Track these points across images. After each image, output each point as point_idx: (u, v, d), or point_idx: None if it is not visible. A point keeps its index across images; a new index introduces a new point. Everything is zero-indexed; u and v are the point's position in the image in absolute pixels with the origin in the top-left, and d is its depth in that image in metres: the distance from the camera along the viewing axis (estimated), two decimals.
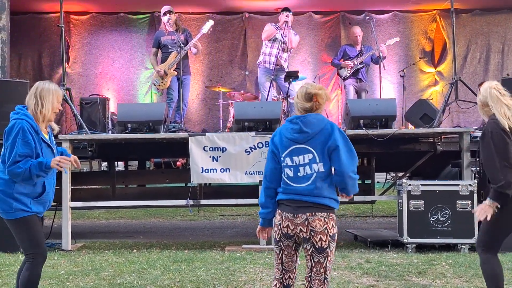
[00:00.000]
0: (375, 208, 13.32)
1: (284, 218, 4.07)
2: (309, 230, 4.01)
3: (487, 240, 4.78)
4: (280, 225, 4.09)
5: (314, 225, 4.00)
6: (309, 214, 4.01)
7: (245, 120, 8.85)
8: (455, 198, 8.29)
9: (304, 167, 4.06)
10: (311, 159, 4.05)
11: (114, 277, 6.73)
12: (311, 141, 4.06)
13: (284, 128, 4.19)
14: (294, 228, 4.04)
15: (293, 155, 4.09)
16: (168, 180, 11.32)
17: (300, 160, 4.07)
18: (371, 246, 8.75)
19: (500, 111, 4.62)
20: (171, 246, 8.97)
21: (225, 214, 13.84)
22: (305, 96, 4.14)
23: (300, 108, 4.17)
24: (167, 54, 10.32)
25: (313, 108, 4.14)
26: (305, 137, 4.07)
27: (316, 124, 4.08)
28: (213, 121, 12.14)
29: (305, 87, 4.18)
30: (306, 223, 4.01)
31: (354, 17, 12.66)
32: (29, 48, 12.56)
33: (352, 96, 10.92)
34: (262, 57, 10.63)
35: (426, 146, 9.64)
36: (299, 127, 4.09)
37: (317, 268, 4.04)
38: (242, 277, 6.64)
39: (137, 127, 8.85)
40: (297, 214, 4.03)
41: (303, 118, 4.10)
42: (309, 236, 4.01)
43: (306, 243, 4.06)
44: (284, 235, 4.08)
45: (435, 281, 6.44)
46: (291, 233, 4.06)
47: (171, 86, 10.31)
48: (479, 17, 12.79)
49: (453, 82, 9.41)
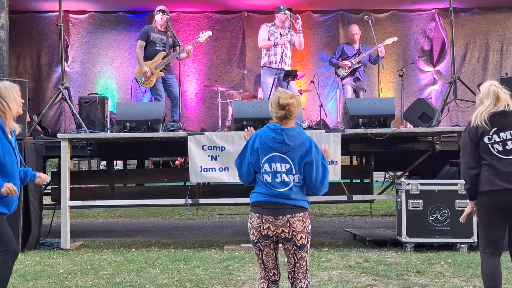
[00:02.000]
0: (374, 207, 13.34)
1: (264, 221, 4.27)
2: (291, 230, 4.24)
3: (481, 242, 4.85)
4: (259, 227, 4.28)
5: (295, 226, 4.24)
6: (289, 216, 4.24)
7: (243, 119, 8.84)
8: (454, 198, 8.30)
9: (281, 174, 4.29)
10: (288, 169, 4.29)
11: (113, 276, 6.73)
12: (290, 153, 4.28)
13: (265, 134, 4.35)
14: (275, 229, 4.26)
15: (271, 162, 4.30)
16: (166, 179, 11.30)
17: (277, 167, 4.29)
18: (369, 245, 8.76)
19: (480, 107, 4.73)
20: (170, 245, 8.98)
21: (223, 213, 13.85)
22: (279, 106, 4.33)
23: (275, 116, 4.37)
24: (153, 51, 10.20)
25: (287, 115, 4.33)
26: (286, 149, 4.28)
27: (298, 138, 4.31)
28: (212, 120, 12.13)
29: (277, 96, 4.36)
30: (287, 225, 4.24)
31: (353, 16, 12.65)
32: (28, 47, 12.54)
33: (350, 95, 10.88)
34: (267, 58, 10.25)
35: (425, 145, 9.65)
36: (282, 139, 4.29)
37: (300, 262, 4.31)
38: (240, 276, 6.65)
39: (135, 126, 8.85)
40: (277, 216, 4.24)
41: (287, 131, 4.31)
42: (291, 236, 4.24)
43: (287, 243, 4.29)
44: (263, 236, 4.29)
45: (433, 280, 6.44)
46: (271, 234, 4.27)
47: (157, 87, 10.19)
48: (478, 16, 12.78)
49: (452, 81, 9.41)
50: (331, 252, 8.22)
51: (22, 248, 8.28)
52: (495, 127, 4.72)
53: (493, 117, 4.72)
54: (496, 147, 4.70)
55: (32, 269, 7.10)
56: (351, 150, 9.71)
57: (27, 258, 7.76)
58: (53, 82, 12.34)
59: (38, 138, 9.72)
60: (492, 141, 4.71)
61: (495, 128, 4.72)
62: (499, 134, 4.71)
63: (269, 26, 10.35)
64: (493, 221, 4.72)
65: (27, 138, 8.72)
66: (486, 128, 4.72)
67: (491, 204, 4.69)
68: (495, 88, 4.80)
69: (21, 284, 6.32)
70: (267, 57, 10.23)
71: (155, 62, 10.13)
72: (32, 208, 8.48)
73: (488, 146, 4.72)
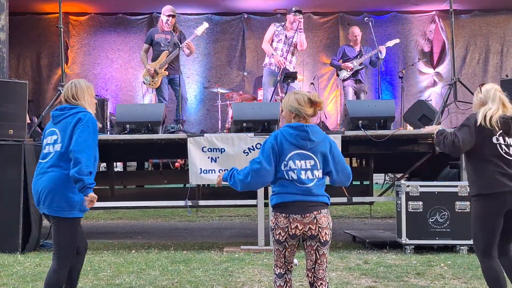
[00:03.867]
0: (374, 209, 13.33)
1: (292, 220, 4.27)
2: (317, 227, 4.27)
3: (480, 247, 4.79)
4: (287, 227, 4.27)
5: (321, 222, 4.28)
6: (316, 213, 4.27)
7: (243, 121, 8.84)
8: (454, 199, 8.29)
9: (306, 171, 4.30)
10: (312, 165, 4.32)
11: (113, 277, 6.72)
12: (314, 149, 4.34)
13: (286, 133, 4.35)
14: (303, 227, 4.26)
15: (296, 159, 4.31)
16: (166, 180, 11.31)
17: (302, 164, 4.31)
18: (369, 247, 8.75)
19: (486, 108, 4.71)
20: (170, 246, 8.97)
21: (223, 215, 13.84)
22: (309, 102, 4.37)
23: (302, 113, 4.36)
24: (158, 52, 10.26)
25: (314, 113, 4.41)
26: (311, 145, 4.33)
27: (319, 134, 4.40)
28: (212, 122, 12.14)
29: (305, 95, 4.41)
30: (314, 221, 4.26)
31: (353, 18, 12.67)
32: (28, 49, 12.57)
33: (351, 97, 10.89)
34: (268, 59, 10.28)
35: (424, 147, 9.63)
36: (307, 135, 4.32)
37: (321, 259, 4.32)
38: (240, 278, 6.64)
39: (135, 128, 8.85)
40: (305, 214, 4.26)
41: (311, 127, 4.36)
42: (317, 232, 4.26)
43: (311, 240, 4.29)
44: (290, 236, 4.29)
45: (433, 282, 6.43)
46: (299, 233, 4.28)
47: (161, 88, 10.22)
48: (478, 18, 12.81)
49: (452, 83, 9.40)
50: (330, 253, 8.21)
51: (22, 250, 8.28)
52: (502, 130, 4.71)
53: (505, 121, 4.70)
54: (504, 148, 4.69)
55: (32, 270, 7.10)
56: (351, 152, 9.70)
57: (27, 260, 7.75)
58: (53, 83, 12.36)
59: (38, 140, 9.71)
60: (499, 142, 4.70)
61: (501, 131, 4.71)
62: (505, 138, 4.71)
63: (276, 26, 10.35)
64: (498, 225, 4.69)
65: (27, 139, 8.72)
66: (494, 130, 4.70)
67: (499, 208, 4.66)
68: (500, 95, 4.81)
69: (21, 285, 6.31)
70: (268, 58, 10.26)
71: (159, 61, 10.16)
72: (32, 209, 8.47)
73: (496, 146, 4.70)
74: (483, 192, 4.74)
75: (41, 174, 4.75)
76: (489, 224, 4.72)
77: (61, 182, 4.63)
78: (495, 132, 4.70)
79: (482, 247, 4.77)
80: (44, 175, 4.72)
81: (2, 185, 8.39)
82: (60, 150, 4.69)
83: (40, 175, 4.75)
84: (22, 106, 8.60)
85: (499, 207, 4.68)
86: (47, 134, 4.85)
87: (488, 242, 4.73)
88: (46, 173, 4.71)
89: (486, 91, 4.84)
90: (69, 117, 4.74)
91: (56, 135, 4.75)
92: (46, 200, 4.64)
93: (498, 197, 4.67)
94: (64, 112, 4.79)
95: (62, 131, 4.72)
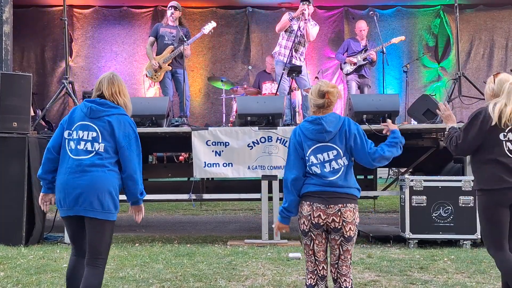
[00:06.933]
0: (378, 203, 13.32)
1: (315, 209, 4.26)
2: (341, 220, 4.23)
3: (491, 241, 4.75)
4: (310, 215, 4.26)
5: (346, 216, 4.24)
6: (341, 205, 4.24)
7: (248, 114, 8.83)
8: (458, 194, 8.28)
9: (329, 162, 4.31)
10: (335, 155, 4.31)
11: (117, 270, 6.74)
12: (334, 139, 4.32)
13: (304, 128, 4.39)
14: (326, 218, 4.24)
15: (317, 153, 4.32)
16: (170, 174, 11.30)
17: (324, 157, 4.31)
18: (373, 242, 8.75)
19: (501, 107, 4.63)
20: (173, 240, 8.98)
21: (227, 208, 13.85)
22: (318, 93, 4.38)
23: (313, 104, 4.41)
24: (162, 46, 10.27)
25: (325, 104, 4.38)
26: (329, 136, 4.32)
27: (336, 122, 4.34)
28: (216, 116, 12.13)
29: (319, 85, 4.43)
30: (339, 214, 4.23)
31: (358, 12, 12.64)
32: (32, 42, 12.56)
33: (354, 91, 10.86)
34: (278, 48, 10.18)
35: (428, 142, 9.63)
36: (322, 128, 4.31)
37: (345, 255, 4.29)
38: (244, 272, 6.65)
39: (139, 121, 8.84)
40: (329, 205, 4.24)
41: (325, 118, 4.34)
42: (341, 226, 4.23)
43: (335, 233, 4.26)
44: (313, 225, 4.27)
45: (437, 277, 6.43)
46: (322, 223, 4.25)
47: (165, 83, 10.24)
48: (483, 12, 12.76)
49: (457, 77, 9.39)
50: None
51: (25, 242, 8.30)
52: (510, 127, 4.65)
53: None
54: (508, 146, 4.65)
55: (36, 263, 7.11)
56: None
57: (31, 252, 7.77)
58: (57, 76, 12.36)
59: (42, 133, 9.72)
60: (506, 139, 4.65)
61: (510, 127, 4.65)
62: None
63: (290, 14, 10.27)
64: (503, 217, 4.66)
65: (31, 132, 8.72)
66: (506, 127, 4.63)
67: (501, 202, 4.63)
68: None
69: (24, 278, 6.32)
70: (278, 47, 10.18)
71: (163, 56, 10.16)
72: (36, 202, 8.48)
73: (502, 142, 4.65)
74: (485, 188, 4.71)
75: (79, 172, 4.36)
76: (494, 217, 4.68)
77: (109, 183, 4.45)
78: (505, 128, 4.65)
79: (492, 241, 4.71)
80: (85, 173, 4.36)
81: (6, 177, 8.39)
82: (103, 150, 4.43)
83: (79, 173, 4.36)
84: (26, 99, 8.60)
85: (502, 200, 4.65)
86: (80, 128, 4.48)
87: (497, 235, 4.68)
88: (88, 172, 4.36)
89: (500, 83, 4.70)
90: (112, 116, 4.47)
91: (96, 132, 4.43)
92: (94, 201, 4.36)
93: (500, 192, 4.64)
94: (105, 109, 4.48)
95: (105, 130, 4.44)
